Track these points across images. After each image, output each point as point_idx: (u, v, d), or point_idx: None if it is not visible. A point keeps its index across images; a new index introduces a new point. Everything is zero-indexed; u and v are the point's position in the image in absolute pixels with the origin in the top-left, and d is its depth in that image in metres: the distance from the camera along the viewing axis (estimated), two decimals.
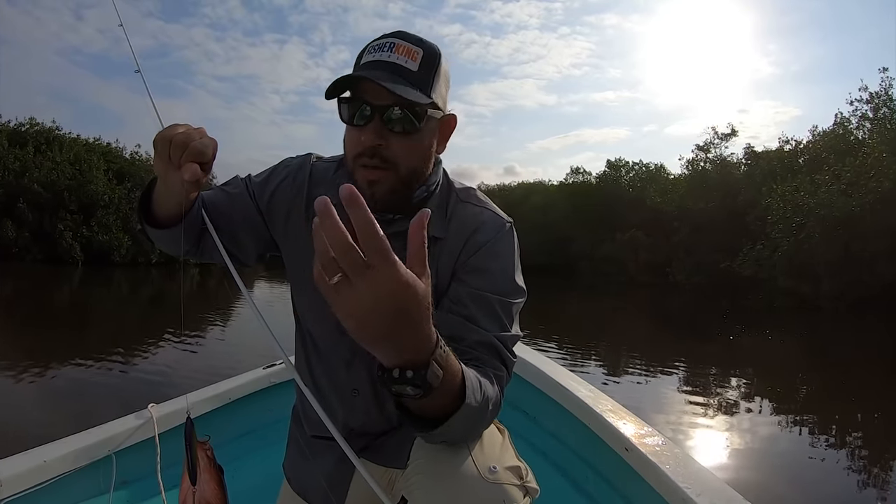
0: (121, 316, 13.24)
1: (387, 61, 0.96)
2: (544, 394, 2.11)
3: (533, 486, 0.98)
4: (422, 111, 0.97)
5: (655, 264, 30.25)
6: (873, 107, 23.37)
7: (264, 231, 1.18)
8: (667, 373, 8.28)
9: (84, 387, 6.26)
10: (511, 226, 1.11)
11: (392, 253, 0.59)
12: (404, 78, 0.95)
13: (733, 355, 10.11)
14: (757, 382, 8.17)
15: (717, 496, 1.34)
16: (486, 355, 0.97)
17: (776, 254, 21.52)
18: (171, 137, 0.89)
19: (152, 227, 1.05)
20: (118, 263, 28.26)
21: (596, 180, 40.83)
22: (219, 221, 1.09)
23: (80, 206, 28.11)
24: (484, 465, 0.94)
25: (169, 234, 1.05)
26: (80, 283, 21.20)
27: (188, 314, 12.61)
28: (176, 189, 0.93)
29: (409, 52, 0.97)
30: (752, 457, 4.79)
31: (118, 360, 7.60)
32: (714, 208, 28.74)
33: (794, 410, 6.66)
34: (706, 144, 33.39)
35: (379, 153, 0.97)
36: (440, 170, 1.12)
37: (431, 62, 0.99)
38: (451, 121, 1.07)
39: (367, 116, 0.97)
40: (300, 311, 1.21)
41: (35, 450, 1.48)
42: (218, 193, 1.19)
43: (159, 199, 1.02)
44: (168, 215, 1.02)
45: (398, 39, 0.98)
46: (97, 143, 32.97)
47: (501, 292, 1.03)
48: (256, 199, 1.18)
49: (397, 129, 0.97)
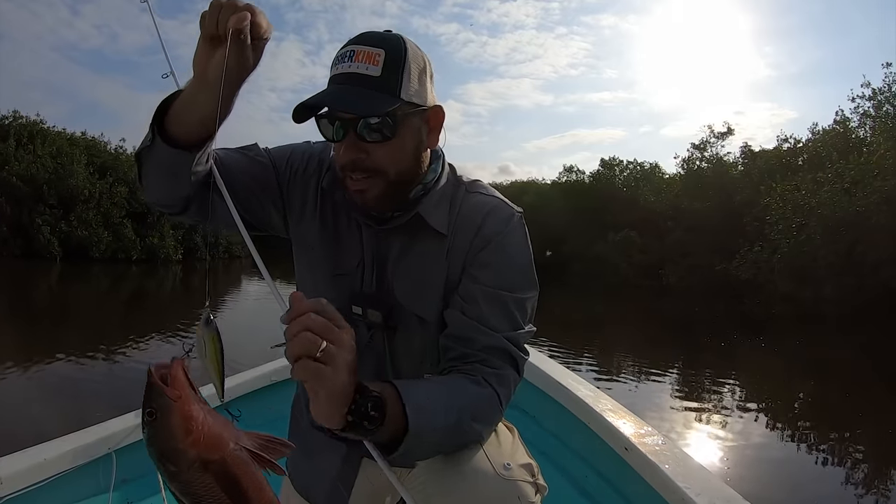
0: (104, 313, 13.13)
1: (348, 73, 0.94)
2: (545, 393, 2.15)
3: (542, 484, 1.01)
4: (394, 114, 0.95)
5: (648, 266, 29.65)
6: (876, 104, 22.72)
7: (279, 205, 1.16)
8: (654, 380, 8.21)
9: (67, 384, 6.23)
10: (521, 216, 1.11)
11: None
12: (368, 87, 0.94)
13: (726, 364, 9.98)
14: (750, 393, 7.92)
15: (716, 495, 1.36)
16: (493, 358, 0.98)
17: (775, 256, 20.85)
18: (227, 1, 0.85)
19: (167, 144, 0.96)
20: (97, 259, 27.94)
21: (590, 179, 40.33)
22: (233, 184, 1.08)
23: (59, 201, 27.76)
24: (499, 462, 0.96)
25: (181, 157, 0.96)
26: (59, 279, 20.96)
27: (172, 313, 12.54)
28: (214, 77, 0.86)
29: (369, 58, 0.94)
30: (741, 470, 4.77)
31: (102, 357, 7.58)
32: (710, 208, 28.04)
33: (789, 426, 6.46)
34: (702, 143, 32.66)
35: (361, 165, 0.97)
36: (440, 164, 1.10)
37: (396, 60, 0.95)
38: (437, 112, 1.04)
39: (342, 131, 0.97)
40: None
41: (35, 448, 1.49)
42: (234, 154, 1.15)
43: (185, 104, 0.94)
44: (188, 130, 0.94)
45: (357, 46, 0.96)
46: (83, 137, 32.53)
47: (513, 288, 1.03)
48: (278, 172, 1.16)
49: (374, 139, 0.96)
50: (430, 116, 1.03)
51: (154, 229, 31.14)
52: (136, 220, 30.44)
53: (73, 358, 7.22)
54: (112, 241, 29.04)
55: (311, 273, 1.16)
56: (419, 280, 1.07)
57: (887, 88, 22.32)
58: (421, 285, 1.07)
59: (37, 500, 1.42)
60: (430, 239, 1.07)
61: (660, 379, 8.33)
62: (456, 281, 1.05)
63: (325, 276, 1.13)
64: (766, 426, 6.32)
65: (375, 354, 1.10)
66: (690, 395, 7.47)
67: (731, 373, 9.08)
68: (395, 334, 1.08)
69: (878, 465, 5.27)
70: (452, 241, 1.06)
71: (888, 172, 18.07)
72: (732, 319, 17.17)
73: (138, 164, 1.02)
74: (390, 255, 1.08)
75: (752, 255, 22.31)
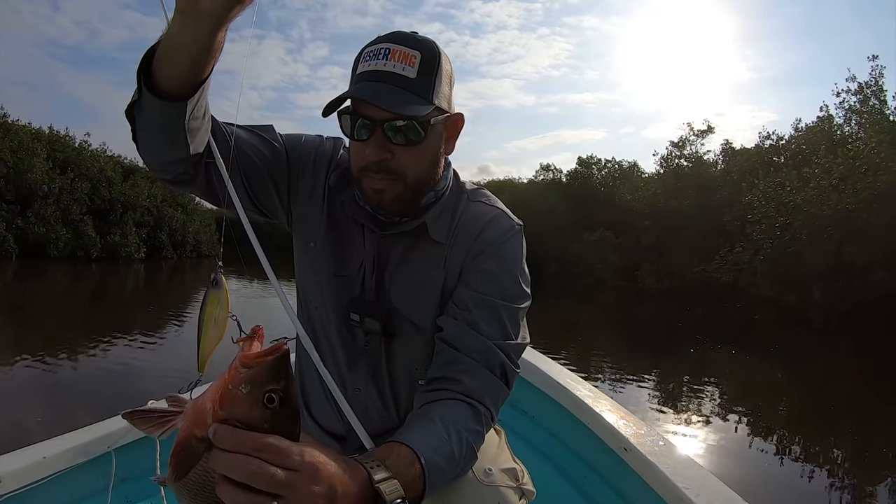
0: (65, 313, 12.86)
1: (383, 71, 0.94)
2: (544, 393, 2.17)
3: (529, 489, 1.04)
4: (425, 119, 0.96)
5: (624, 267, 28.79)
6: (862, 98, 21.95)
7: (284, 193, 1.15)
8: (629, 388, 8.03)
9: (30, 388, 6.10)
10: (520, 228, 1.13)
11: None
12: (403, 87, 0.94)
13: (703, 373, 9.63)
14: (728, 405, 7.61)
15: (715, 496, 1.38)
16: (482, 365, 0.98)
17: (757, 257, 19.85)
18: None
19: (155, 95, 0.85)
20: (55, 257, 27.24)
21: (567, 178, 39.82)
22: (242, 160, 1.06)
23: (17, 196, 26.99)
24: (479, 468, 0.99)
25: (172, 109, 0.86)
26: (14, 277, 20.38)
27: (137, 313, 12.29)
28: (208, 7, 0.76)
29: (405, 58, 0.94)
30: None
31: (65, 358, 7.44)
32: (688, 207, 27.01)
33: (770, 439, 6.32)
34: (681, 141, 31.60)
35: (385, 166, 0.98)
36: (450, 172, 1.12)
37: (431, 64, 0.97)
38: (458, 120, 1.06)
39: (368, 130, 0.96)
40: (304, 298, 1.21)
41: (34, 446, 1.50)
42: (247, 132, 1.11)
43: (171, 45, 0.82)
44: (177, 74, 0.84)
45: (393, 44, 0.95)
46: (49, 132, 31.65)
47: (506, 297, 1.04)
48: (290, 158, 1.13)
49: (401, 141, 0.96)
50: (451, 124, 1.05)
51: (116, 227, 30.48)
52: (97, 217, 29.81)
53: (34, 360, 7.07)
54: (71, 239, 28.37)
55: (313, 270, 1.17)
56: (417, 287, 1.09)
57: (874, 82, 21.75)
58: (418, 293, 1.09)
59: (36, 499, 1.43)
60: (430, 246, 1.08)
61: (635, 387, 8.22)
62: (452, 289, 1.07)
63: (327, 275, 1.14)
64: (746, 438, 6.24)
65: (372, 359, 1.12)
66: (666, 405, 7.39)
67: (708, 382, 8.96)
68: (393, 340, 1.10)
69: (863, 479, 5.28)
70: (451, 249, 1.08)
71: (879, 168, 17.08)
72: (711, 325, 16.72)
73: (130, 122, 0.93)
74: (391, 261, 1.10)
75: (732, 257, 21.52)
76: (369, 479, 0.69)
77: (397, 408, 1.14)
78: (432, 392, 0.98)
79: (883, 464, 5.75)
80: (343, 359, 1.15)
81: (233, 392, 0.59)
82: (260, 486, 0.57)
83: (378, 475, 0.70)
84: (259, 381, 0.58)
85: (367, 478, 0.69)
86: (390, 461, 0.75)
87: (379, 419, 1.15)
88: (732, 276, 21.20)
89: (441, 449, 0.84)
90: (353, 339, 1.13)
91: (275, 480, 0.57)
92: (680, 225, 26.76)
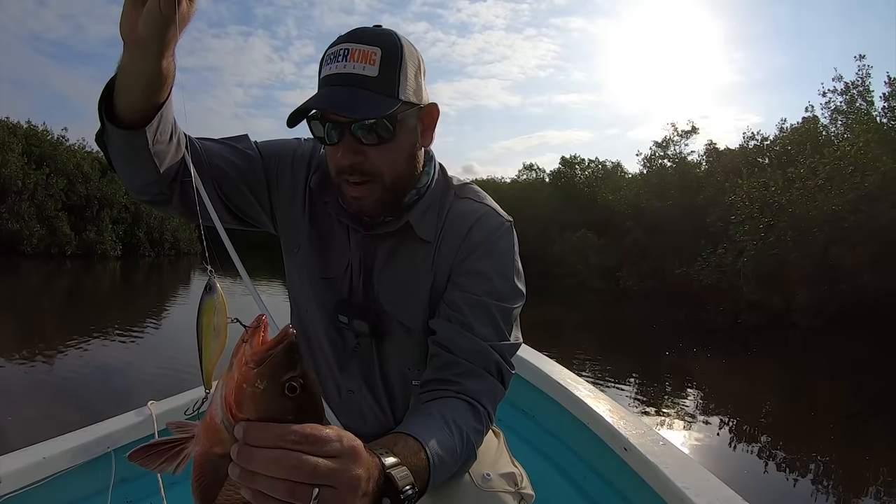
0: (39, 311, 12.64)
1: (343, 73, 0.93)
2: (543, 393, 2.18)
3: (528, 493, 1.04)
4: (393, 116, 0.94)
5: (606, 268, 28.37)
6: (849, 98, 21.82)
7: (265, 200, 1.15)
8: (609, 393, 7.88)
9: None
10: (511, 225, 1.11)
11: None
12: (365, 87, 0.92)
13: (684, 378, 9.68)
14: (710, 411, 7.62)
15: (715, 496, 1.39)
16: (480, 368, 0.99)
17: (741, 259, 19.42)
18: None
19: (117, 126, 0.89)
20: (28, 255, 26.82)
21: (550, 177, 39.73)
22: (214, 173, 1.06)
23: None
24: (477, 473, 1.00)
25: (133, 138, 0.90)
26: None
27: (114, 311, 12.14)
28: (148, 32, 0.78)
29: (365, 57, 0.92)
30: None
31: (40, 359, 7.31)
32: (671, 207, 26.58)
33: (750, 447, 6.30)
34: (665, 141, 31.38)
35: (359, 168, 0.97)
36: (432, 166, 1.11)
37: (393, 59, 0.94)
38: (432, 111, 1.04)
39: (337, 134, 0.95)
40: (296, 303, 1.22)
41: (34, 447, 1.50)
42: (218, 144, 1.12)
43: (124, 76, 0.85)
44: (133, 103, 0.87)
45: (351, 44, 0.94)
46: (26, 126, 31.11)
47: (499, 296, 1.04)
48: (266, 166, 1.14)
49: (372, 141, 0.95)
50: (425, 115, 1.03)
51: (92, 223, 30.06)
52: (73, 214, 29.43)
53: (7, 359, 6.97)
54: (45, 235, 27.98)
55: (299, 274, 1.17)
56: (405, 288, 1.08)
57: (860, 82, 21.57)
58: (407, 293, 1.08)
59: (36, 499, 1.43)
60: (417, 245, 1.08)
61: (615, 390, 8.16)
62: (442, 289, 1.07)
63: (313, 278, 1.14)
64: (727, 441, 6.30)
65: (363, 361, 1.12)
66: (647, 409, 7.39)
67: (689, 388, 8.92)
68: (383, 341, 1.10)
69: (846, 483, 5.35)
70: (439, 248, 1.07)
71: (867, 168, 16.93)
72: (692, 328, 16.50)
73: (101, 149, 0.97)
74: (377, 262, 1.10)
75: (714, 259, 21.15)
76: (381, 464, 0.69)
77: (393, 410, 1.14)
78: (429, 393, 0.99)
79: (866, 467, 5.81)
80: (335, 362, 1.14)
81: (250, 391, 0.56)
82: (302, 479, 0.55)
83: (388, 460, 0.70)
84: (276, 373, 0.56)
85: (380, 463, 0.69)
86: (398, 449, 0.75)
87: (375, 421, 1.15)
88: (714, 279, 20.88)
89: (444, 443, 0.85)
90: (344, 341, 1.13)
91: (318, 471, 0.56)
92: (663, 226, 26.48)
